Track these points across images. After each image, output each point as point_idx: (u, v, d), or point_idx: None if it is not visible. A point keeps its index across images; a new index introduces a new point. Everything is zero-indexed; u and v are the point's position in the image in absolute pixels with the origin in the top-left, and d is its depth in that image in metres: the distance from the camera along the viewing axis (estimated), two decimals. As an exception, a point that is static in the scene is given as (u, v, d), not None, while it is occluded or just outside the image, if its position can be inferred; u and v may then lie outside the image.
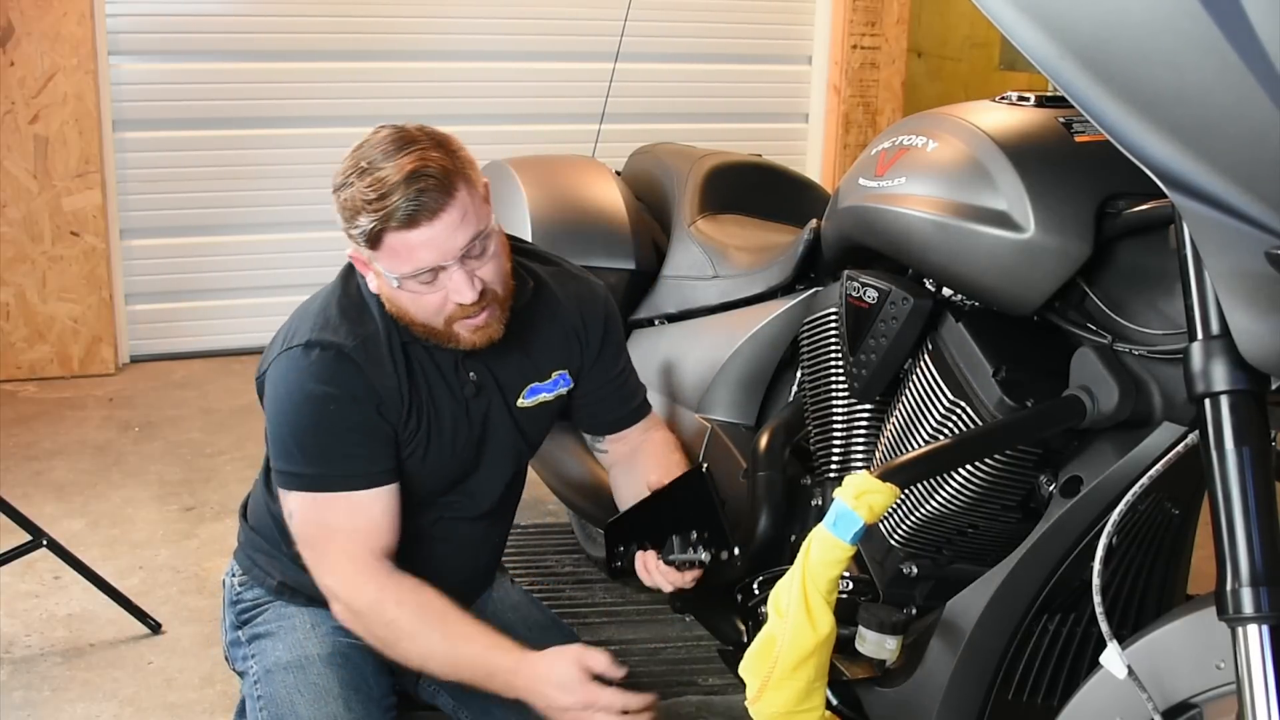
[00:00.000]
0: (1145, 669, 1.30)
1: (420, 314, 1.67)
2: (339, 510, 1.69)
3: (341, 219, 1.64)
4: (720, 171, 2.55)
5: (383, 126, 1.67)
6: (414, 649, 1.67)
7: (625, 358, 2.00)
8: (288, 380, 1.70)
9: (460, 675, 1.67)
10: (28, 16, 3.80)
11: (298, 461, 1.70)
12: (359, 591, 1.68)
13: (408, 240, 1.59)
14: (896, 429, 1.72)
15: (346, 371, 1.68)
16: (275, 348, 1.77)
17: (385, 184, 1.57)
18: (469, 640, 1.65)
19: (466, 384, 1.78)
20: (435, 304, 1.66)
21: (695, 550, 1.73)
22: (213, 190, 4.26)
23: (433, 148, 1.60)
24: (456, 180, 1.60)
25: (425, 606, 1.67)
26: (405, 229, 1.58)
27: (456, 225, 1.60)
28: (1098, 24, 0.97)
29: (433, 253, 1.60)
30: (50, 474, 3.30)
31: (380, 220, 1.58)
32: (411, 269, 1.61)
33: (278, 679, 1.76)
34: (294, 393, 1.70)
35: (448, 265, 1.61)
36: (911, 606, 1.73)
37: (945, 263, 1.60)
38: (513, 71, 4.48)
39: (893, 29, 4.82)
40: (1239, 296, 1.12)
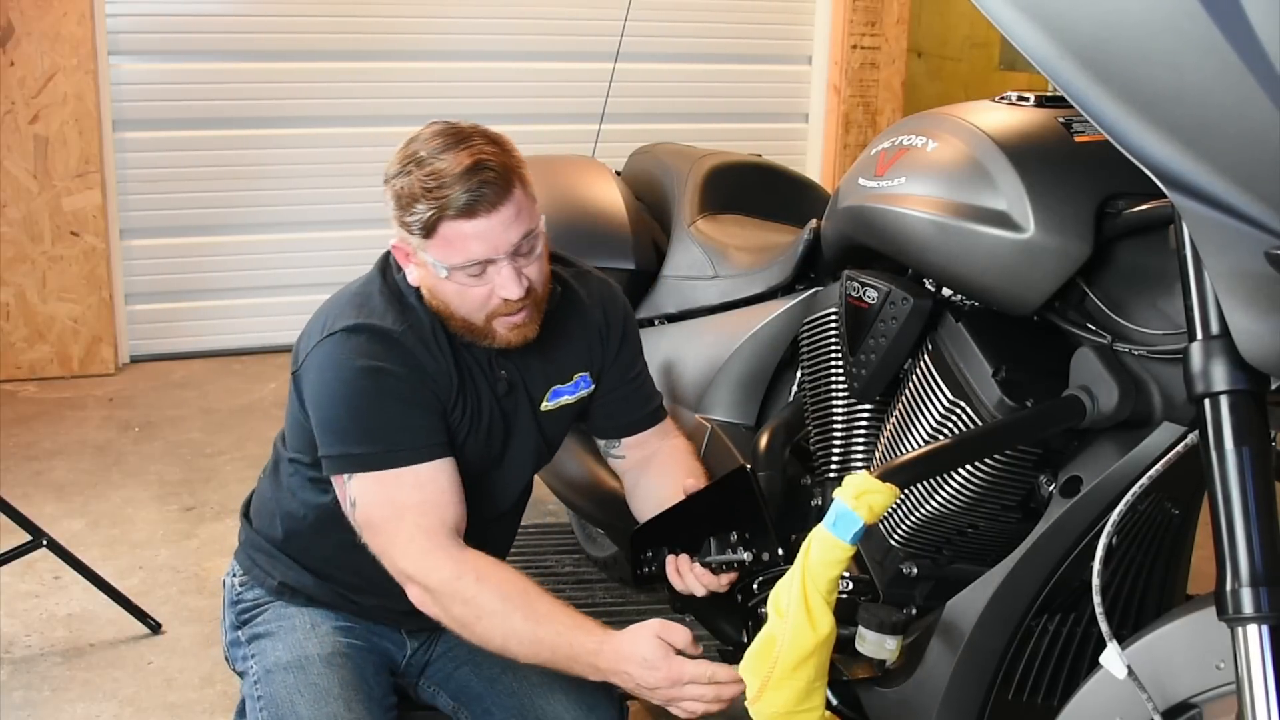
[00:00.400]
0: (1145, 669, 1.30)
1: (462, 307, 1.67)
2: (405, 485, 1.65)
3: (394, 207, 1.64)
4: (720, 171, 2.55)
5: (436, 121, 1.68)
6: (495, 628, 1.61)
7: (642, 359, 1.99)
8: (336, 362, 1.67)
9: (541, 657, 1.61)
10: (28, 16, 3.81)
11: (355, 442, 1.66)
12: (436, 569, 1.62)
13: (463, 230, 1.60)
14: (896, 429, 1.72)
15: (397, 350, 1.67)
16: (311, 338, 1.72)
17: (445, 174, 1.59)
18: (551, 620, 1.60)
19: (499, 381, 1.78)
20: (480, 298, 1.66)
21: (735, 551, 1.71)
22: (213, 190, 4.27)
23: (490, 144, 1.63)
24: (514, 177, 1.63)
25: (506, 583, 1.62)
26: (462, 218, 1.59)
27: (511, 221, 1.61)
28: (1097, 24, 0.97)
29: (486, 245, 1.61)
30: (50, 474, 3.30)
31: (438, 208, 1.59)
32: (463, 259, 1.61)
33: (278, 679, 1.76)
34: (344, 371, 1.66)
35: (498, 259, 1.62)
36: (911, 606, 1.73)
37: (945, 263, 1.60)
38: (513, 71, 4.48)
39: (893, 29, 4.82)
40: (1239, 296, 1.12)
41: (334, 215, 4.40)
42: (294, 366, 1.76)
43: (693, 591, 1.75)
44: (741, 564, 1.71)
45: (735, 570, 1.74)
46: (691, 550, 1.76)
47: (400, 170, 1.64)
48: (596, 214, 2.49)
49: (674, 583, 1.77)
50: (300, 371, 1.74)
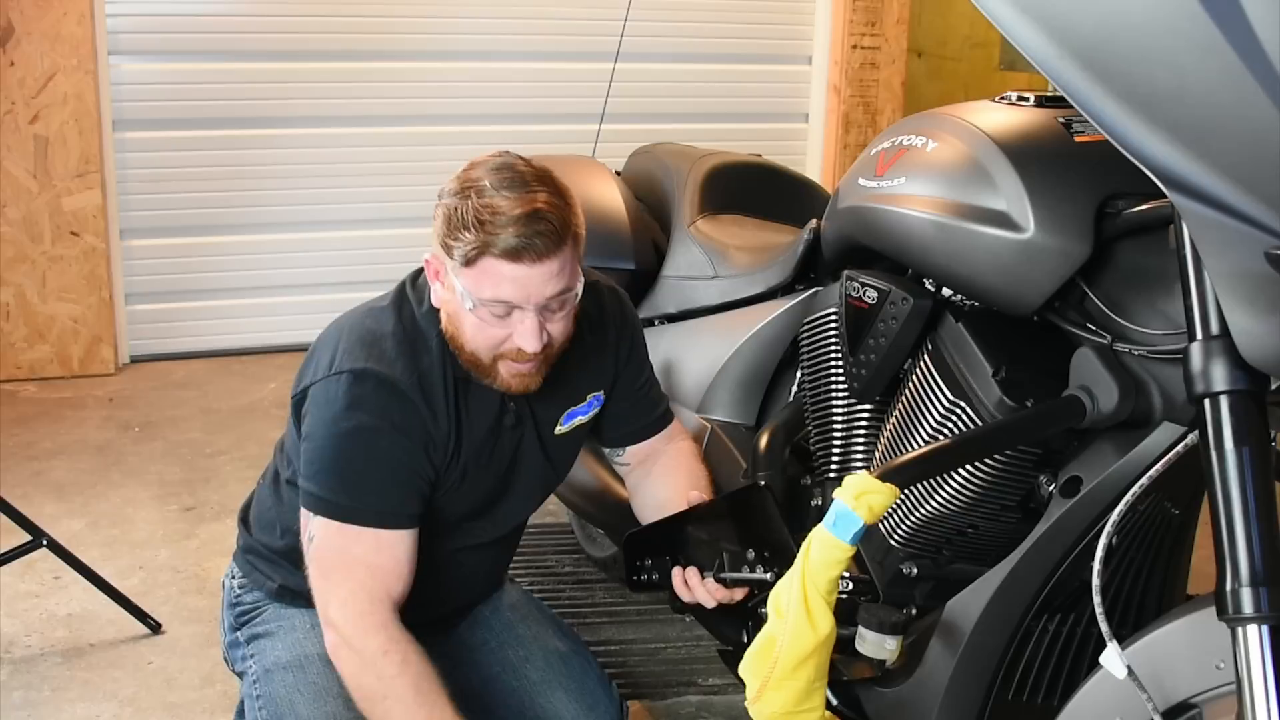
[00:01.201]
0: (1145, 669, 1.30)
1: (474, 341, 1.65)
2: (364, 543, 1.65)
3: (442, 225, 1.61)
4: (720, 171, 2.55)
5: (506, 151, 1.65)
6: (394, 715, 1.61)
7: (649, 367, 1.98)
8: (336, 407, 1.65)
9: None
10: (28, 16, 3.80)
11: (332, 488, 1.66)
12: (366, 636, 1.63)
13: (501, 270, 1.57)
14: (896, 429, 1.72)
15: (401, 407, 1.65)
16: (320, 366, 1.70)
17: (503, 212, 1.56)
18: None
19: (508, 414, 1.76)
20: (495, 338, 1.63)
21: (754, 569, 1.70)
22: (213, 190, 4.27)
23: (554, 195, 1.61)
24: (568, 236, 1.60)
25: (423, 679, 1.62)
26: (506, 260, 1.57)
27: (551, 276, 1.59)
28: (1097, 24, 0.97)
29: (519, 291, 1.58)
30: (50, 474, 3.30)
31: (485, 243, 1.56)
32: (492, 296, 1.59)
33: (277, 678, 1.76)
34: (341, 419, 1.65)
35: (525, 308, 1.60)
36: (911, 606, 1.73)
37: (945, 263, 1.60)
38: (513, 71, 4.48)
39: (893, 29, 4.82)
40: (1239, 296, 1.12)
41: (334, 215, 4.40)
42: (296, 390, 1.74)
43: (702, 603, 1.74)
44: (763, 583, 1.70)
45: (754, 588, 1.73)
46: (701, 563, 1.75)
47: (458, 192, 1.61)
48: (596, 214, 2.49)
49: (681, 594, 1.75)
50: (302, 399, 1.72)
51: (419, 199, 4.34)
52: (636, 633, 2.57)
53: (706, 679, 2.40)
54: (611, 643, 2.52)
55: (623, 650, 2.50)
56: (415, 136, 4.39)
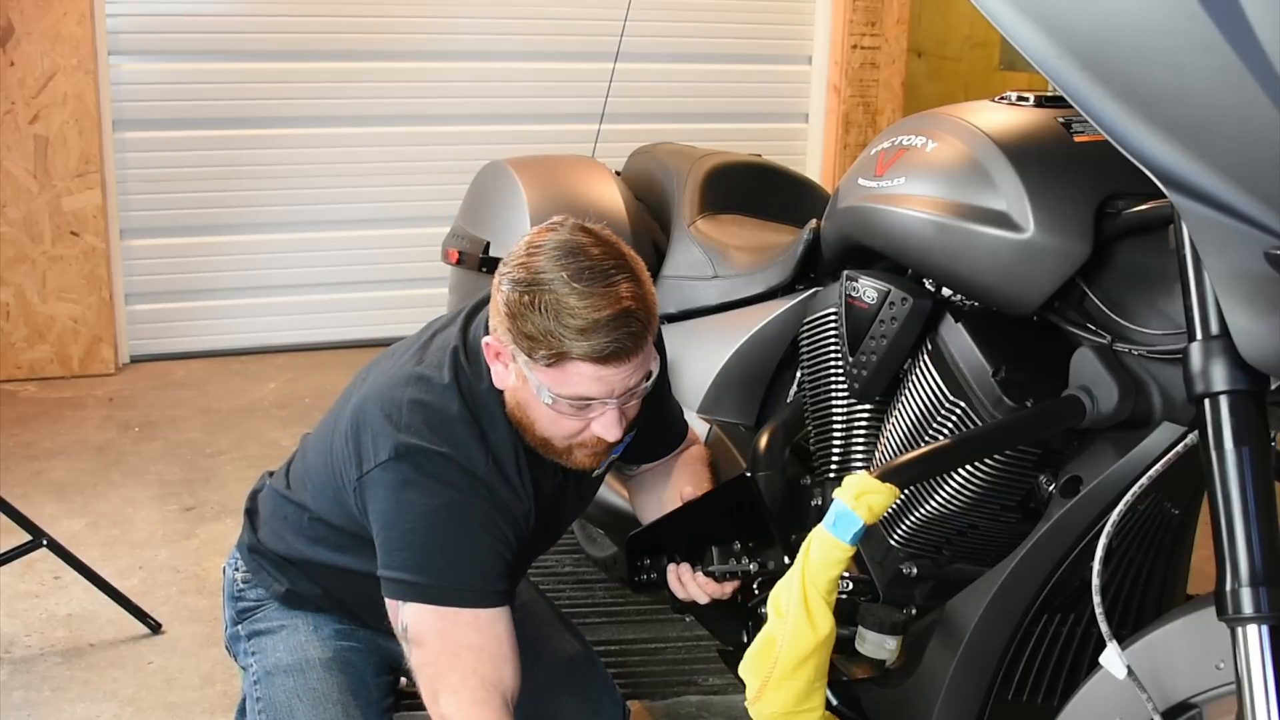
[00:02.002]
0: (1145, 669, 1.30)
1: (548, 430, 1.58)
2: (463, 625, 1.55)
3: (509, 319, 1.50)
4: (720, 171, 2.55)
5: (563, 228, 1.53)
6: None
7: (667, 382, 1.94)
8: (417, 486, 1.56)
9: None
10: (28, 16, 3.80)
11: (421, 572, 1.56)
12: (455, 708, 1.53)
13: (586, 372, 1.49)
14: (896, 429, 1.72)
15: (480, 486, 1.58)
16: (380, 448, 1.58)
17: (586, 315, 1.46)
18: None
19: (559, 473, 1.72)
20: (573, 429, 1.57)
21: (739, 561, 1.70)
22: (213, 190, 4.27)
23: (631, 281, 1.51)
24: (652, 325, 1.54)
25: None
26: (592, 363, 1.48)
27: (635, 369, 1.53)
28: (1097, 24, 0.97)
29: (603, 388, 1.52)
30: (50, 474, 3.30)
31: (571, 349, 1.47)
32: (574, 394, 1.52)
33: (277, 682, 1.75)
34: (429, 498, 1.55)
35: (609, 403, 1.54)
36: (911, 606, 1.73)
37: (945, 263, 1.60)
38: (513, 71, 4.48)
39: (893, 29, 4.82)
40: (1238, 297, 1.12)
41: (334, 215, 4.40)
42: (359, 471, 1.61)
43: (695, 600, 1.74)
44: (748, 573, 1.70)
45: (739, 579, 1.73)
46: (693, 559, 1.75)
47: (531, 284, 1.48)
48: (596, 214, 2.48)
49: (676, 591, 1.75)
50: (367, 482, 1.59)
51: (419, 199, 4.38)
52: (636, 633, 2.57)
53: (706, 679, 2.40)
54: (611, 643, 2.52)
55: (623, 650, 2.50)
56: (415, 136, 4.39)
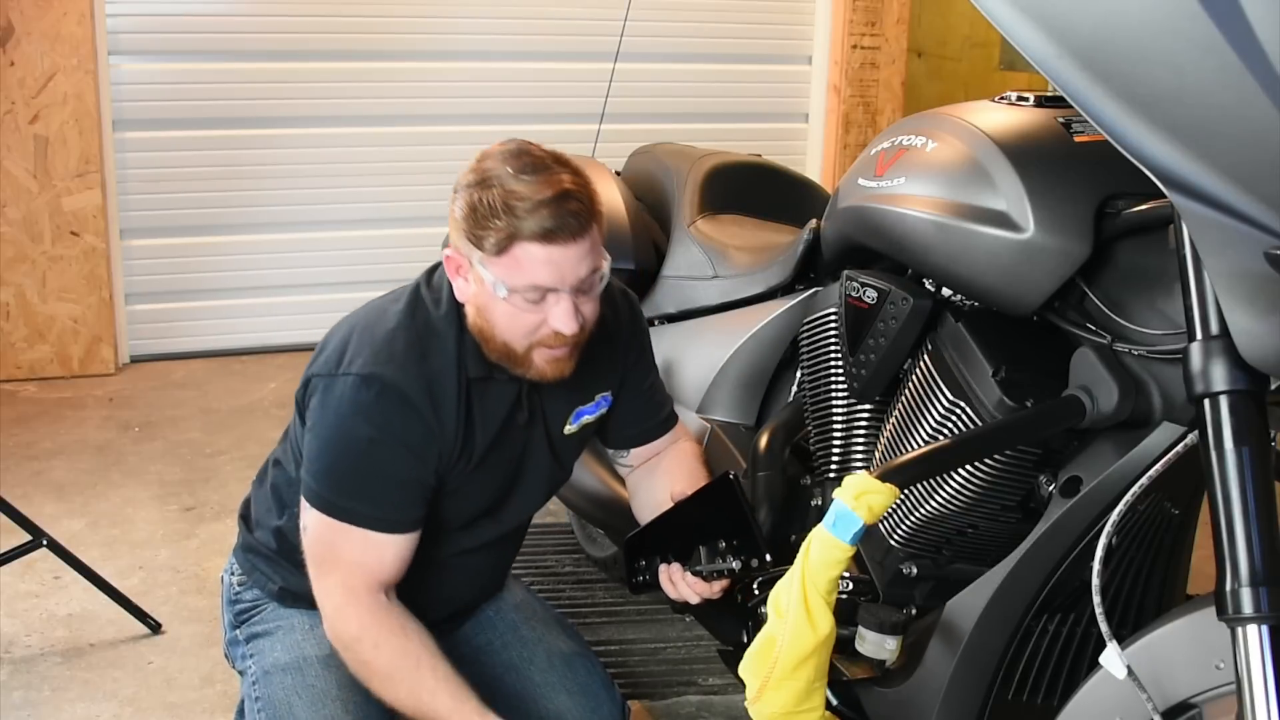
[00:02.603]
0: (1145, 669, 1.30)
1: (508, 331, 1.63)
2: (352, 542, 1.67)
3: (464, 218, 1.59)
4: (720, 171, 2.55)
5: (513, 140, 1.63)
6: (384, 691, 1.67)
7: (655, 368, 1.98)
8: (340, 410, 1.65)
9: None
10: (28, 16, 3.80)
11: (328, 486, 1.67)
12: (345, 624, 1.68)
13: (535, 255, 1.56)
14: (896, 429, 1.72)
15: (405, 417, 1.64)
16: (329, 361, 1.69)
17: (530, 196, 1.55)
18: (435, 698, 1.64)
19: (520, 412, 1.76)
20: (530, 325, 1.62)
21: (725, 560, 1.71)
22: (213, 190, 4.27)
23: (574, 174, 1.60)
24: (595, 213, 1.61)
25: (402, 654, 1.65)
26: (539, 242, 1.55)
27: (584, 255, 1.59)
28: (1096, 24, 0.97)
29: (554, 274, 1.57)
30: (50, 474, 3.30)
31: (517, 229, 1.54)
32: (527, 283, 1.57)
33: (275, 680, 1.75)
34: (345, 425, 1.65)
35: (560, 291, 1.59)
36: (911, 606, 1.73)
37: (945, 263, 1.60)
38: (513, 71, 4.48)
39: (893, 29, 4.82)
40: (1238, 296, 1.12)
41: (334, 215, 4.40)
42: (306, 374, 1.72)
43: (686, 600, 1.75)
44: (732, 572, 1.70)
45: (726, 577, 1.73)
46: (683, 559, 1.76)
47: (477, 184, 1.58)
48: (596, 214, 2.49)
49: (668, 591, 1.76)
50: (307, 387, 1.71)
51: (419, 199, 4.38)
52: (636, 633, 2.57)
53: (706, 679, 2.40)
54: (611, 643, 2.52)
55: (623, 650, 2.50)
56: (415, 136, 4.39)
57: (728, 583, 1.74)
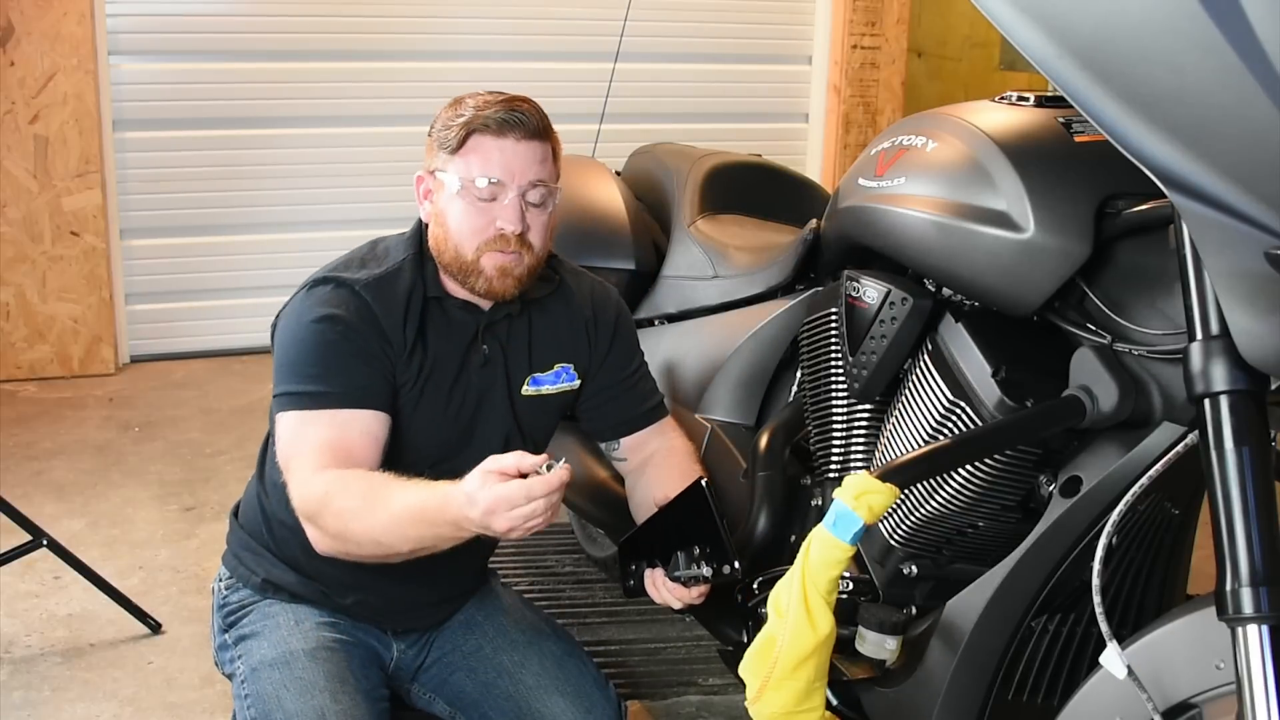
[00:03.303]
0: (1145, 669, 1.30)
1: (459, 232, 1.73)
2: (320, 424, 1.70)
3: (432, 131, 1.79)
4: (720, 171, 2.55)
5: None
6: (361, 527, 1.61)
7: (640, 361, 1.99)
8: (296, 311, 1.78)
9: (411, 539, 1.61)
10: (28, 16, 3.80)
11: (293, 381, 1.73)
12: (310, 493, 1.65)
13: (489, 145, 1.72)
14: (896, 429, 1.72)
15: (354, 303, 1.74)
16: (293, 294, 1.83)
17: (490, 102, 1.76)
18: (403, 499, 1.59)
19: (477, 353, 1.81)
20: (479, 225, 1.72)
21: (699, 566, 1.71)
22: (213, 190, 4.27)
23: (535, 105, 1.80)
24: (549, 131, 1.78)
25: (361, 481, 1.64)
26: (494, 135, 1.72)
27: (536, 159, 1.74)
28: (1097, 24, 0.97)
29: (505, 167, 1.72)
30: (50, 474, 3.30)
31: (473, 121, 1.73)
32: (481, 173, 1.71)
33: (264, 676, 1.75)
34: (301, 318, 1.76)
35: (509, 188, 1.72)
36: (911, 606, 1.73)
37: (945, 263, 1.60)
38: (513, 71, 4.48)
39: (893, 29, 4.82)
40: (1239, 296, 1.12)
41: (334, 215, 4.40)
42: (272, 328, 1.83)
43: (669, 604, 1.75)
44: (705, 579, 1.70)
45: (703, 584, 1.73)
46: (664, 564, 1.76)
47: (451, 104, 1.81)
48: (596, 214, 2.49)
49: (653, 596, 1.76)
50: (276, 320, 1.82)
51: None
52: (636, 633, 2.57)
53: (706, 679, 2.40)
54: (611, 643, 2.52)
55: (623, 650, 2.50)
56: (415, 136, 4.33)
57: (706, 588, 1.74)
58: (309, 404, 1.71)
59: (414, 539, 1.61)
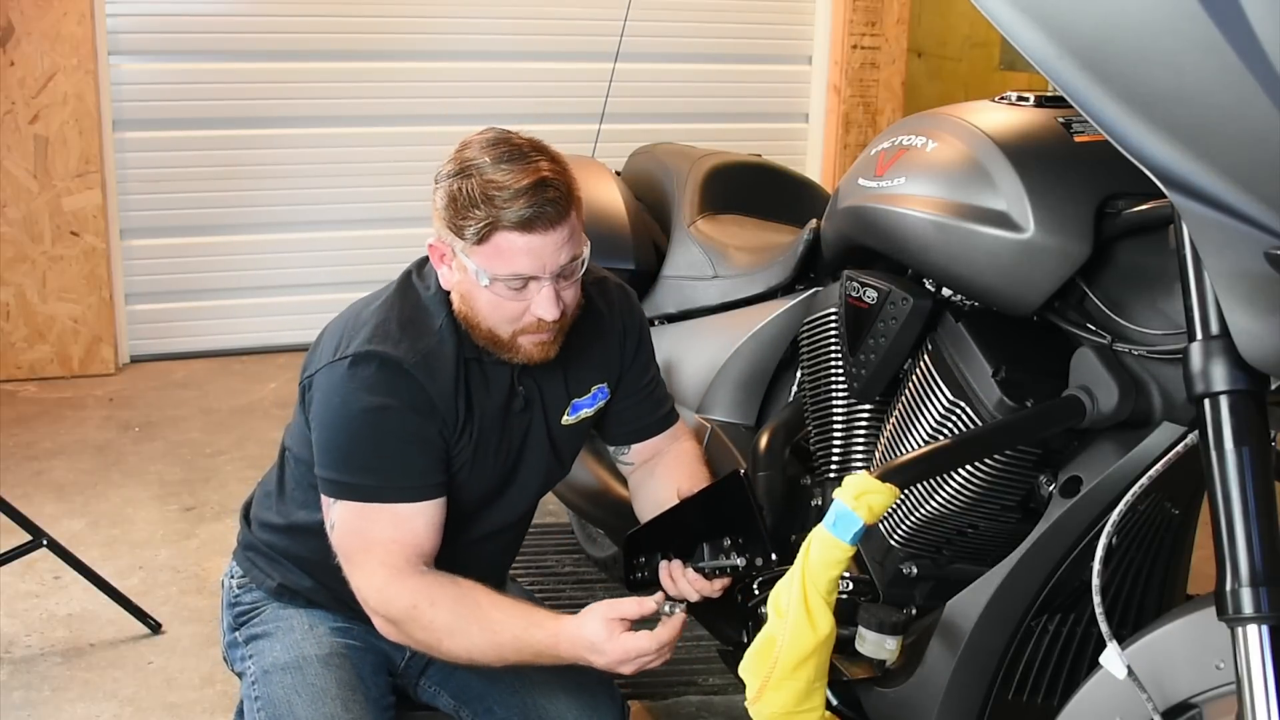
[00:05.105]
0: (1145, 669, 1.30)
1: (490, 319, 1.66)
2: (383, 521, 1.66)
3: (446, 208, 1.62)
4: (720, 171, 2.55)
5: (492, 128, 1.67)
6: (458, 646, 1.63)
7: (655, 365, 1.98)
8: (343, 392, 1.67)
9: (509, 661, 1.64)
10: (28, 16, 3.80)
11: (348, 471, 1.67)
12: (394, 600, 1.64)
13: (515, 244, 1.59)
14: (896, 429, 1.72)
15: (405, 385, 1.66)
16: (324, 353, 1.72)
17: (508, 186, 1.57)
18: (506, 626, 1.61)
19: (517, 398, 1.77)
20: (513, 312, 1.64)
21: (729, 556, 1.70)
22: (213, 190, 4.27)
23: (551, 162, 1.63)
24: (573, 199, 1.63)
25: (460, 600, 1.63)
26: (518, 232, 1.58)
27: (563, 243, 1.61)
28: (1097, 24, 0.97)
29: (535, 262, 1.60)
30: (50, 474, 3.30)
31: (496, 218, 1.57)
32: (508, 272, 1.60)
33: (275, 680, 1.75)
34: (349, 404, 1.66)
35: (541, 278, 1.61)
36: (911, 606, 1.73)
37: (945, 263, 1.60)
38: (513, 71, 4.48)
39: (893, 29, 4.82)
40: (1239, 297, 1.12)
41: (334, 215, 4.40)
42: (304, 376, 1.75)
43: (686, 597, 1.74)
44: (735, 569, 1.70)
45: (728, 575, 1.73)
46: (684, 555, 1.75)
47: (459, 173, 1.61)
48: (596, 214, 2.49)
49: (667, 588, 1.75)
50: (308, 387, 1.73)
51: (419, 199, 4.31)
52: (636, 633, 2.56)
53: (706, 679, 2.40)
54: (611, 643, 2.52)
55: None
56: (415, 136, 4.39)
57: (728, 581, 1.74)
58: (368, 496, 1.66)
59: (513, 662, 1.64)
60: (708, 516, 1.74)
